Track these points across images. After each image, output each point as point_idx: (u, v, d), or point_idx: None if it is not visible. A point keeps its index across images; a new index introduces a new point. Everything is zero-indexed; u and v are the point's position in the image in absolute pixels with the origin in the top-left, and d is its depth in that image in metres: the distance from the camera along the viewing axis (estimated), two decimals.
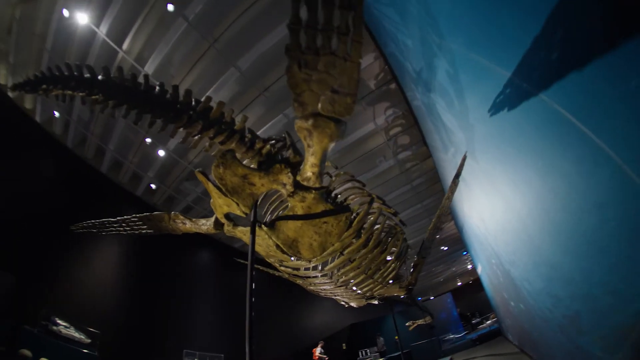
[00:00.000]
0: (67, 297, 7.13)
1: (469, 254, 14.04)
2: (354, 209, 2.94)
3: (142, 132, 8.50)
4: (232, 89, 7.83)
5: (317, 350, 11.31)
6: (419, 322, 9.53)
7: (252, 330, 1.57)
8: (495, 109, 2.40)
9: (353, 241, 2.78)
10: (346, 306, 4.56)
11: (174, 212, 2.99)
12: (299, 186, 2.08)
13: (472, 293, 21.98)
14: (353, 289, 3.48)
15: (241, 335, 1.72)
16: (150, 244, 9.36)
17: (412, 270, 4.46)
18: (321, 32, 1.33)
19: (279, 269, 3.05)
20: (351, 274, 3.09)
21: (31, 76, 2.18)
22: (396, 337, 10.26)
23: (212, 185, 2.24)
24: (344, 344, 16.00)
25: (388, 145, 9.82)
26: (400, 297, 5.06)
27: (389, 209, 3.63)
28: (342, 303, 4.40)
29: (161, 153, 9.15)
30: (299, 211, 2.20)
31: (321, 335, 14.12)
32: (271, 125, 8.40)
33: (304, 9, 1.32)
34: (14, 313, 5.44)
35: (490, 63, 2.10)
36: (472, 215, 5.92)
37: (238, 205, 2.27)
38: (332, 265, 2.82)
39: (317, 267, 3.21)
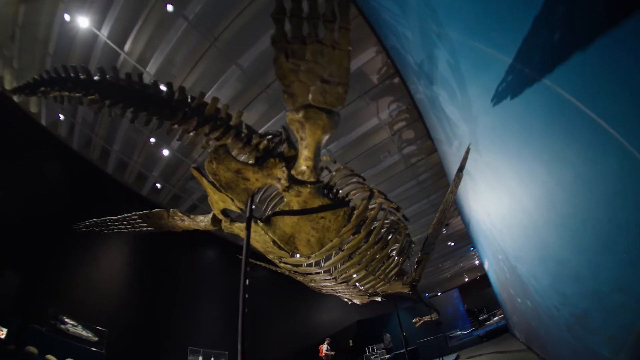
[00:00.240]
0: (74, 296, 7.26)
1: (475, 249, 13.87)
2: (356, 204, 2.89)
3: (146, 132, 8.56)
4: (234, 87, 7.82)
5: (324, 347, 11.33)
6: (425, 319, 9.48)
7: (245, 326, 1.54)
8: (497, 98, 2.32)
9: (353, 237, 2.73)
10: (349, 303, 4.51)
11: (172, 209, 2.97)
12: (293, 180, 2.03)
13: (479, 289, 21.81)
14: (355, 285, 3.43)
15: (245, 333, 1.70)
16: (156, 242, 9.46)
17: (416, 266, 4.39)
18: (306, 20, 1.30)
19: (279, 265, 3.02)
20: (352, 270, 3.04)
21: (31, 80, 2.22)
22: (404, 334, 10.21)
23: (206, 181, 2.22)
24: (350, 341, 16.01)
25: (392, 140, 9.70)
26: (406, 293, 4.99)
27: (390, 203, 3.55)
28: (345, 300, 4.35)
29: (165, 152, 9.21)
30: (295, 206, 2.15)
31: (328, 332, 14.14)
32: (274, 123, 8.37)
33: None
34: (22, 312, 5.55)
35: (490, 49, 2.02)
36: (478, 210, 5.82)
37: (233, 201, 2.24)
38: (332, 261, 2.77)
39: (319, 264, 3.17)
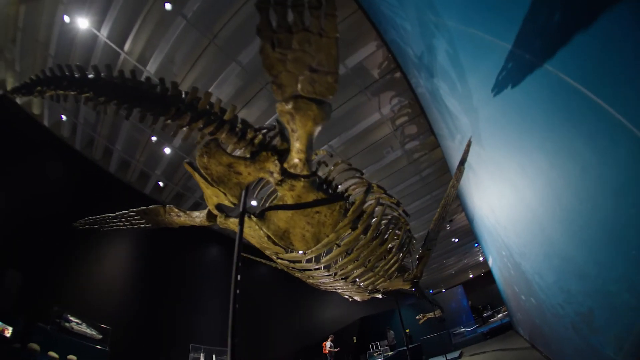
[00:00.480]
0: (78, 294, 7.33)
1: (480, 246, 13.72)
2: (356, 199, 2.83)
3: (148, 131, 8.57)
4: (235, 84, 7.79)
5: (327, 344, 11.35)
6: (428, 316, 9.40)
7: (235, 322, 1.51)
8: (498, 87, 2.24)
9: (351, 232, 2.67)
10: (350, 300, 4.46)
11: (168, 205, 2.95)
12: (286, 174, 1.99)
13: (483, 286, 21.65)
14: (355, 281, 3.37)
15: (246, 330, 1.66)
16: (158, 240, 9.51)
17: (417, 262, 4.31)
18: (291, 8, 1.25)
19: (276, 261, 2.98)
20: (350, 267, 2.98)
21: (28, 80, 2.23)
22: (407, 331, 10.15)
23: (198, 175, 2.18)
24: (354, 338, 16.02)
25: (395, 135, 9.59)
26: (408, 290, 4.92)
27: (390, 198, 3.48)
28: (346, 297, 4.30)
29: (167, 151, 9.23)
30: (289, 200, 2.10)
31: (331, 329, 14.15)
32: (275, 120, 8.31)
33: None
34: (27, 311, 5.60)
35: (488, 36, 1.94)
36: (482, 206, 5.72)
37: (225, 195, 2.20)
38: (329, 257, 2.72)
39: (317, 260, 3.11)
